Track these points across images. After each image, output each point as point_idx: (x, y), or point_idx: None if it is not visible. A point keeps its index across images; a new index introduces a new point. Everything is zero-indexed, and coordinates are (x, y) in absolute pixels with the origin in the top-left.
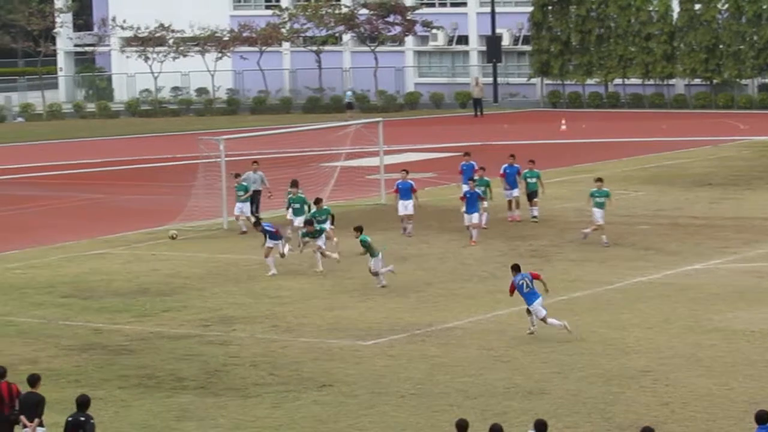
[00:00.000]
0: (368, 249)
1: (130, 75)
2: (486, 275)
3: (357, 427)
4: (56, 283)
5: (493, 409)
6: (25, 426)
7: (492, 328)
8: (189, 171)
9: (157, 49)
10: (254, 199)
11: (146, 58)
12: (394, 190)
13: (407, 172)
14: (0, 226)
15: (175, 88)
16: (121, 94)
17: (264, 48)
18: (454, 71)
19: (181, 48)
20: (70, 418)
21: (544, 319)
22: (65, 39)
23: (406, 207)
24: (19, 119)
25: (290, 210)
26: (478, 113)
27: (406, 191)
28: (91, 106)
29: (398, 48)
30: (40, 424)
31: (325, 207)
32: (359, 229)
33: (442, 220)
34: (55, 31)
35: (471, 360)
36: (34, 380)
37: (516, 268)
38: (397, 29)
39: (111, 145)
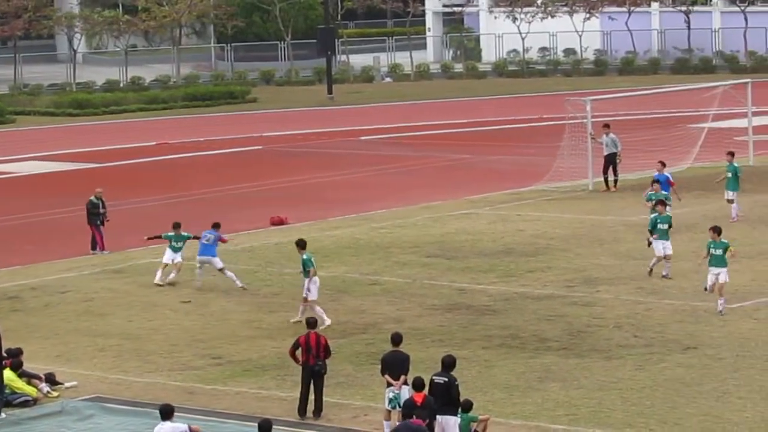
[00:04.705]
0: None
1: (498, 35)
2: None
3: (721, 390)
4: (421, 242)
5: None
6: (389, 384)
7: None
8: (555, 132)
9: (525, 9)
10: (610, 161)
11: (514, 19)
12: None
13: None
14: (366, 184)
15: (542, 49)
16: (489, 54)
17: (632, 8)
18: None
19: (549, 8)
20: (434, 377)
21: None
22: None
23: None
24: (388, 79)
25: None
26: None
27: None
28: (458, 67)
29: None
30: (405, 383)
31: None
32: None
33: None
34: None
35: None
36: (398, 339)
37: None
38: None
39: (478, 105)
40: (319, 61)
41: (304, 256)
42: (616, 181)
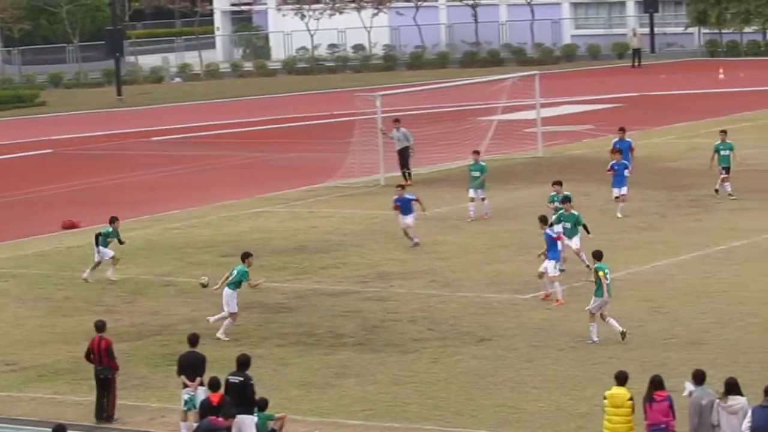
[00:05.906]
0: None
1: (287, 33)
2: (644, 226)
3: (516, 381)
4: (216, 242)
5: (653, 360)
6: (186, 385)
7: (651, 279)
8: (347, 128)
9: (314, 6)
10: (403, 155)
11: (302, 16)
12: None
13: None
14: (160, 185)
15: (331, 46)
16: (278, 52)
17: (420, 3)
18: (610, 22)
19: (338, 5)
20: (229, 377)
21: None
22: None
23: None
24: (177, 79)
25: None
26: (636, 64)
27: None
28: (248, 65)
29: (555, 0)
30: (201, 384)
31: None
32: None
33: (601, 172)
34: None
35: (630, 311)
36: (194, 340)
37: None
38: None
39: (268, 103)
40: (108, 62)
41: (245, 268)
42: (409, 174)
